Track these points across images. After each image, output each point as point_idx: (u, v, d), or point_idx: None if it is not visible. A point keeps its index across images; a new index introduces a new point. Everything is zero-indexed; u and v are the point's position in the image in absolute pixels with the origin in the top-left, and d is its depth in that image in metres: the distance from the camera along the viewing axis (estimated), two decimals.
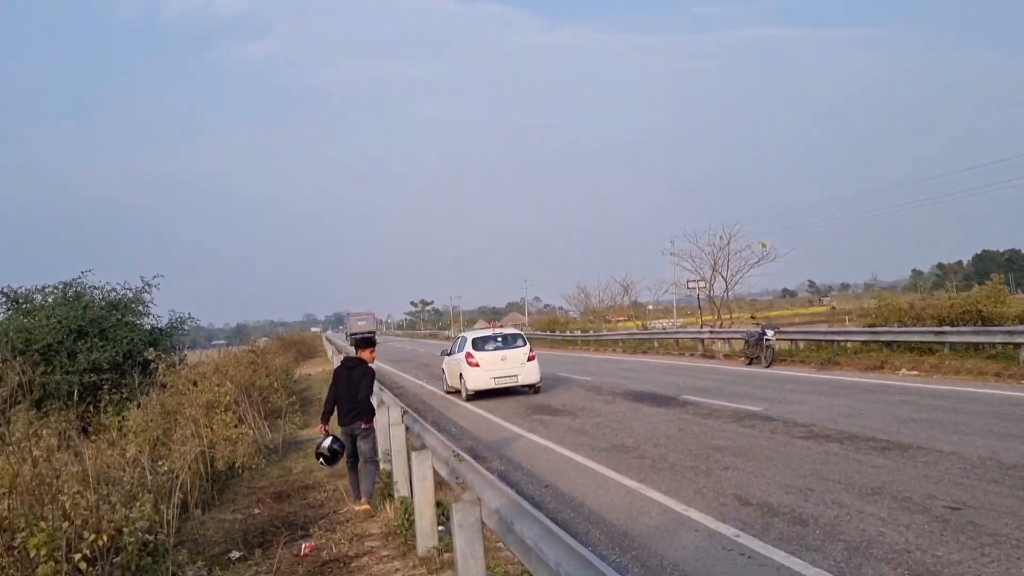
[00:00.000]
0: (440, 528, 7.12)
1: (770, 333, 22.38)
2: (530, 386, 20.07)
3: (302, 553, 7.45)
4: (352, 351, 10.00)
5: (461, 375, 20.17)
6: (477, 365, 19.68)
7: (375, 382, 9.68)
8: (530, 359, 20.17)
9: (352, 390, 9.05)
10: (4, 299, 19.76)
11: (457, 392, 20.88)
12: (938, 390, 14.85)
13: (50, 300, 19.96)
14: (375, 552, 7.35)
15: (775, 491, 8.15)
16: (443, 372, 22.44)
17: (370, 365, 9.38)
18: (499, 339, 20.64)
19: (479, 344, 20.23)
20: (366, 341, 9.69)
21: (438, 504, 7.31)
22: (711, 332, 29.42)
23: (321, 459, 8.86)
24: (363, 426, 9.03)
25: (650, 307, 74.06)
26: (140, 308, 20.70)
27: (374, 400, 10.04)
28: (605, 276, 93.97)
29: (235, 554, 7.63)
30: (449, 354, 22.07)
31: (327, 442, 8.76)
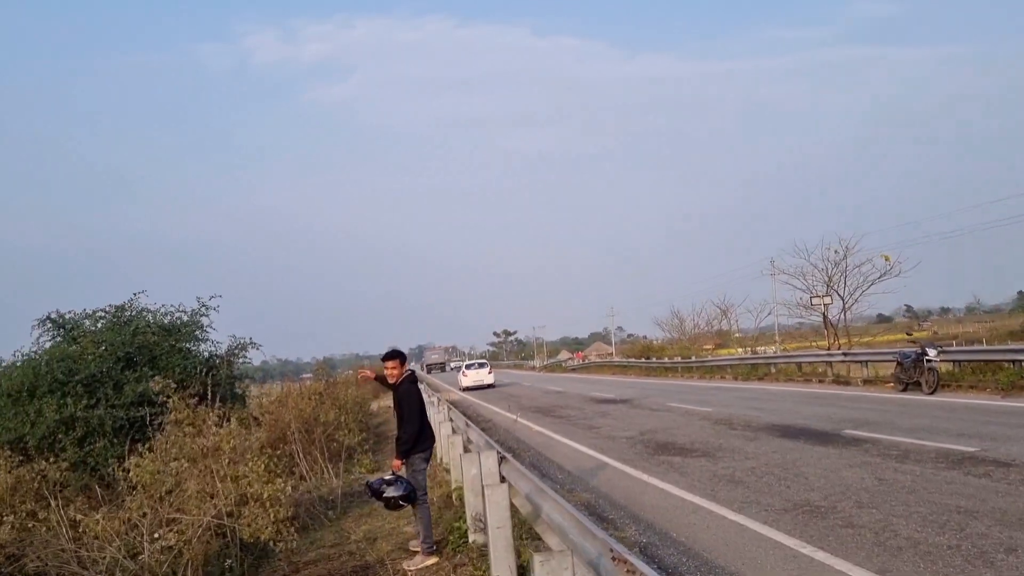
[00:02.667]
0: None
1: (932, 353, 18.41)
2: (489, 385, 41.95)
3: None
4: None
5: (460, 380, 43.52)
6: (466, 376, 43.33)
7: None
8: (490, 372, 44.07)
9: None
10: (52, 325, 17.63)
11: (467, 389, 41.39)
12: None
13: (99, 325, 17.76)
14: None
15: None
16: (459, 378, 45.24)
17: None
18: (477, 364, 46.28)
19: (468, 367, 45.51)
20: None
21: None
22: (844, 354, 25.36)
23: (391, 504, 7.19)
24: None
25: (736, 334, 69.16)
26: (197, 333, 18.33)
27: (451, 434, 7.20)
28: (698, 301, 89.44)
29: None
30: (458, 371, 51.51)
31: (397, 489, 7.06)
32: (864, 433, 12.72)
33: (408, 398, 7.52)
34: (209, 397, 10.37)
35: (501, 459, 7.30)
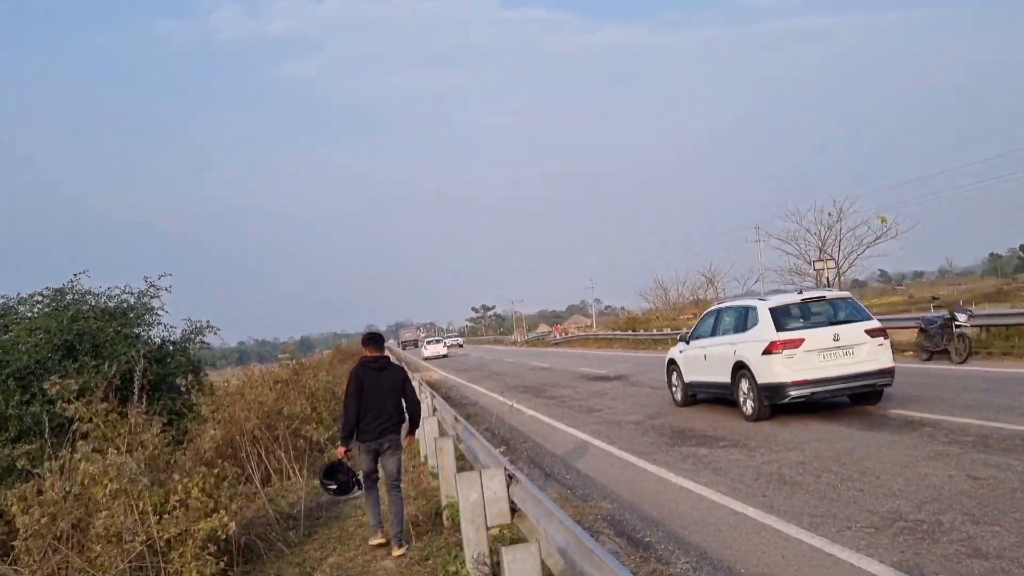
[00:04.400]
0: None
1: (963, 318, 16.79)
2: (444, 355, 49.94)
3: None
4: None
5: (423, 351, 52.18)
6: (427, 349, 51.37)
7: None
8: (445, 346, 54.98)
9: (391, 396, 7.34)
10: None
11: (428, 359, 49.69)
12: None
13: (35, 311, 15.67)
14: None
15: None
16: (421, 351, 54.67)
17: None
18: (435, 340, 59.33)
19: (428, 342, 57.36)
20: (373, 337, 7.79)
21: None
22: None
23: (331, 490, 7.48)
24: (408, 438, 7.87)
25: (715, 303, 67.94)
26: (147, 317, 16.33)
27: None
28: (682, 270, 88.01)
29: None
30: (424, 345, 58.95)
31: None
32: (915, 413, 11.00)
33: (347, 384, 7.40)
34: (136, 395, 8.41)
35: (510, 478, 5.44)
